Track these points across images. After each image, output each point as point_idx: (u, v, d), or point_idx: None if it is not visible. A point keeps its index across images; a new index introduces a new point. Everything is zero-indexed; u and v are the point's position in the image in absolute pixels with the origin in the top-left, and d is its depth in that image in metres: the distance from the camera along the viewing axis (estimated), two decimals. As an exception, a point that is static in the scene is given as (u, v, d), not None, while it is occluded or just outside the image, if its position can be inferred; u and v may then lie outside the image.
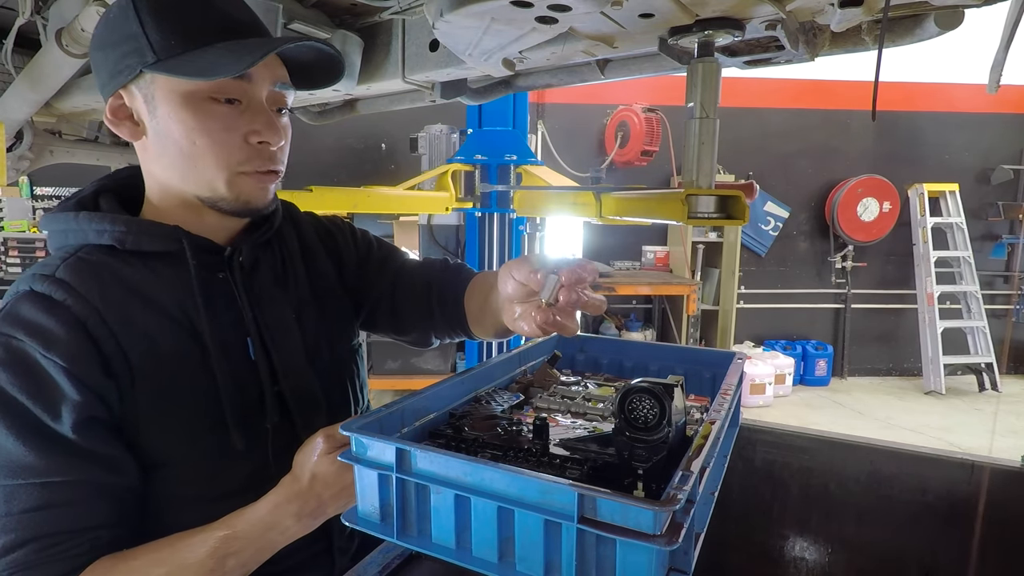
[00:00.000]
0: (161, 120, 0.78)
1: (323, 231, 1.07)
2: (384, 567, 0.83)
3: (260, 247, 0.93)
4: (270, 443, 0.84)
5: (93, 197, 0.86)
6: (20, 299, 0.74)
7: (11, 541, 0.67)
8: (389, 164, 5.60)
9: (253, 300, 0.88)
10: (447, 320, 1.05)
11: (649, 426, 0.65)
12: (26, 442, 0.68)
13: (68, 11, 1.35)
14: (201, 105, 0.77)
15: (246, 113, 0.79)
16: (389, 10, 1.19)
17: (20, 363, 0.69)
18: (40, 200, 5.15)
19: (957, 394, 5.55)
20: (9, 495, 0.68)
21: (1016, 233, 6.12)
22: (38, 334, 0.70)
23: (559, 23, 0.80)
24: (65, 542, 0.69)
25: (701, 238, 5.60)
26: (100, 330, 0.73)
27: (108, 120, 0.81)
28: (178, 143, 0.78)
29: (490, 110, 2.95)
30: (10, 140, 1.95)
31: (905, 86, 5.69)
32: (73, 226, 0.81)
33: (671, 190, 0.99)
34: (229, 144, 0.79)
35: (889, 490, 1.23)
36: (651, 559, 0.52)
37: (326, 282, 1.01)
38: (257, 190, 0.83)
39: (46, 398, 0.69)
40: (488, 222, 2.96)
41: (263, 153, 0.81)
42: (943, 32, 0.83)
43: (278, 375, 0.87)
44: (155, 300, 0.79)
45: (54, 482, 0.69)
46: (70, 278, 0.75)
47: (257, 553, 0.74)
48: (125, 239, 0.80)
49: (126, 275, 0.79)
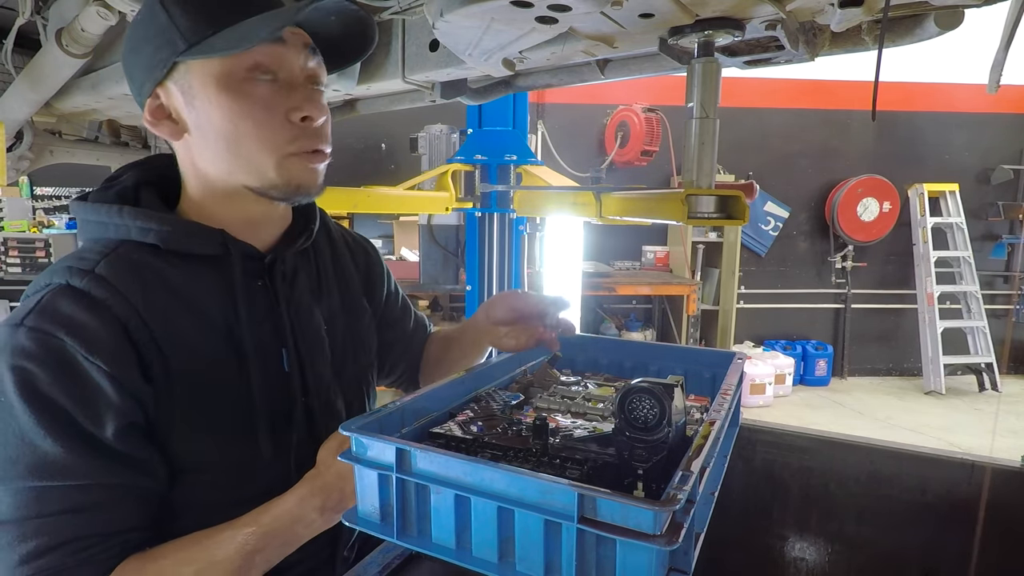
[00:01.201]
0: (201, 111, 0.76)
1: (354, 244, 1.09)
2: (384, 567, 0.83)
3: (298, 256, 0.92)
4: (293, 453, 0.84)
5: (134, 190, 0.83)
6: (57, 294, 0.71)
7: (43, 544, 0.66)
8: (389, 164, 5.60)
9: (291, 311, 0.87)
10: (409, 372, 1.22)
11: (649, 426, 0.65)
12: (64, 444, 0.66)
13: (68, 11, 1.35)
14: (239, 86, 0.75)
15: (283, 89, 0.78)
16: (389, 10, 1.19)
17: (62, 364, 0.67)
18: (40, 200, 5.15)
19: (957, 394, 5.55)
20: (40, 496, 0.66)
21: (1016, 233, 6.12)
22: (79, 334, 0.68)
23: (559, 23, 0.80)
24: (96, 545, 0.68)
25: (701, 238, 5.60)
26: (141, 333, 0.72)
27: (148, 122, 0.80)
28: (221, 131, 0.76)
29: (490, 110, 2.95)
30: (10, 140, 1.94)
31: (905, 86, 5.68)
32: (116, 220, 0.78)
33: (671, 190, 0.99)
34: (272, 124, 0.77)
35: (889, 490, 1.23)
36: (651, 559, 0.52)
37: (354, 294, 1.02)
38: (307, 172, 0.81)
39: (90, 403, 0.67)
40: (488, 222, 2.96)
41: (307, 131, 0.79)
42: (943, 32, 0.83)
43: (309, 387, 0.86)
44: (196, 304, 0.78)
45: (88, 485, 0.67)
46: (111, 276, 0.73)
47: (282, 547, 0.73)
48: (170, 239, 0.78)
49: (168, 276, 0.77)
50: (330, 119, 0.83)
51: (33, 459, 0.66)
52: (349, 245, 1.08)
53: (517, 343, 1.03)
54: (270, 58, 0.76)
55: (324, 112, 0.80)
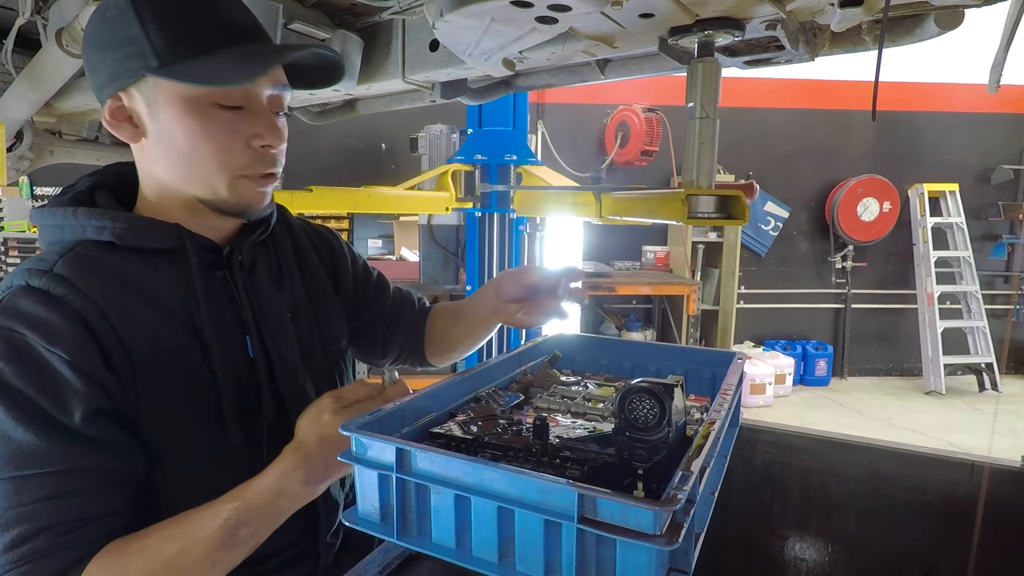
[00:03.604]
0: (163, 123, 0.78)
1: (316, 235, 1.10)
2: (384, 567, 0.83)
3: (257, 247, 0.94)
4: (265, 440, 0.84)
5: (88, 193, 0.85)
6: (16, 294, 0.72)
7: (25, 531, 0.67)
8: (389, 164, 5.59)
9: (252, 299, 0.88)
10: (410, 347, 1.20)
11: (649, 426, 0.65)
12: (37, 432, 0.67)
13: (68, 11, 1.35)
14: (206, 110, 0.77)
15: (248, 117, 0.80)
16: (389, 10, 1.19)
17: (24, 356, 0.69)
18: (40, 200, 5.15)
19: (957, 394, 5.55)
20: (19, 487, 0.67)
21: (1016, 233, 6.12)
22: (39, 328, 0.70)
23: (559, 23, 0.80)
24: (78, 529, 0.68)
25: (701, 238, 5.60)
26: (101, 325, 0.73)
27: (107, 122, 0.81)
28: (180, 147, 0.78)
29: (490, 110, 2.95)
30: (10, 140, 1.95)
31: (905, 86, 5.68)
32: (71, 221, 0.79)
33: (671, 190, 0.99)
34: (232, 148, 0.79)
35: (889, 490, 1.23)
36: (651, 559, 0.52)
37: (319, 283, 1.03)
38: (257, 193, 0.84)
39: (53, 391, 0.69)
40: (488, 222, 2.96)
41: (265, 157, 0.82)
42: (943, 32, 0.83)
43: (276, 373, 0.87)
44: (156, 296, 0.79)
45: (64, 471, 0.68)
46: (69, 273, 0.74)
47: (267, 520, 0.73)
48: (126, 235, 0.79)
49: (126, 271, 0.78)
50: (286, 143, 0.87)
51: (8, 450, 0.67)
52: (311, 236, 1.08)
53: (531, 319, 1.04)
54: (239, 93, 0.78)
55: (283, 139, 0.84)
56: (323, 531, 0.94)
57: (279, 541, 0.81)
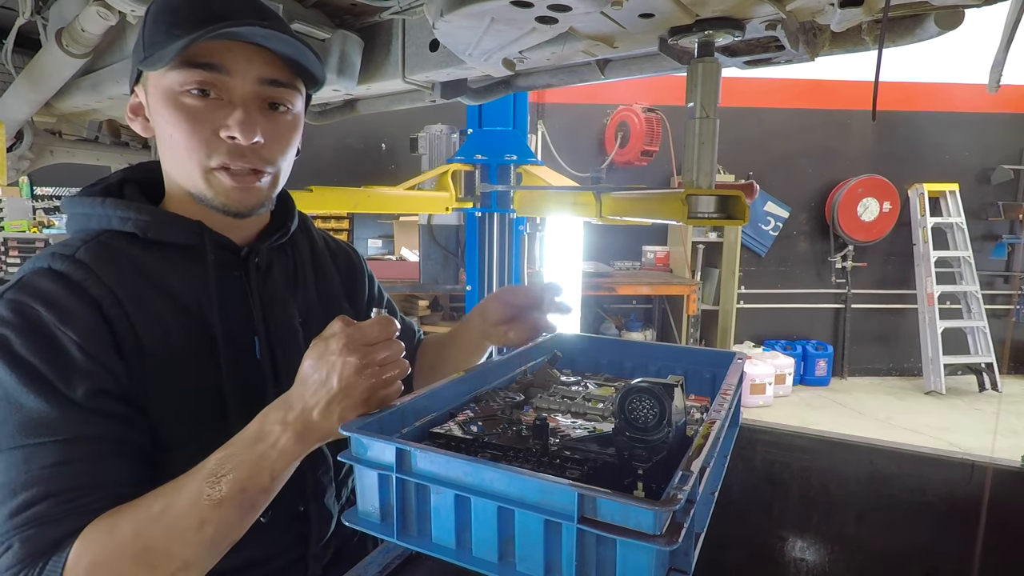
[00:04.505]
0: (154, 116, 0.82)
1: (336, 245, 1.12)
2: (384, 567, 0.83)
3: (275, 251, 0.95)
4: None
5: (119, 185, 0.88)
6: (37, 273, 0.75)
7: (32, 496, 0.67)
8: (389, 164, 5.60)
9: (265, 301, 0.90)
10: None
11: (649, 426, 0.65)
12: (46, 400, 0.69)
13: (68, 11, 1.35)
14: (176, 99, 0.78)
15: (224, 107, 0.79)
16: (389, 10, 1.19)
17: (35, 330, 0.71)
18: (40, 200, 5.15)
19: (957, 394, 5.55)
20: (29, 455, 0.68)
21: (1016, 233, 6.13)
22: (55, 307, 0.72)
23: (559, 23, 0.80)
24: (85, 496, 0.68)
25: (701, 238, 5.60)
26: (114, 311, 0.75)
27: (128, 117, 0.86)
28: (163, 138, 0.81)
29: (490, 110, 2.95)
30: (10, 140, 1.95)
31: (905, 86, 5.69)
32: (99, 211, 0.82)
33: (671, 190, 0.99)
34: (197, 137, 0.78)
35: (889, 490, 1.23)
36: (651, 559, 0.52)
37: (332, 289, 1.04)
38: (235, 190, 0.81)
39: (61, 367, 0.70)
40: (488, 222, 2.96)
41: (233, 149, 0.79)
42: (943, 32, 0.83)
43: (280, 376, 0.88)
44: (170, 290, 0.81)
45: (74, 438, 0.69)
46: (89, 260, 0.77)
47: (252, 471, 0.69)
48: (148, 228, 0.81)
49: (144, 263, 0.80)
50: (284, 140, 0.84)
51: (19, 418, 0.68)
52: (331, 248, 1.11)
53: (520, 338, 1.07)
54: (206, 78, 0.78)
55: (255, 134, 0.79)
56: (314, 540, 0.93)
57: (269, 548, 0.82)
